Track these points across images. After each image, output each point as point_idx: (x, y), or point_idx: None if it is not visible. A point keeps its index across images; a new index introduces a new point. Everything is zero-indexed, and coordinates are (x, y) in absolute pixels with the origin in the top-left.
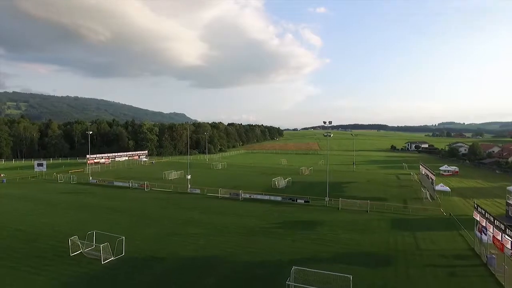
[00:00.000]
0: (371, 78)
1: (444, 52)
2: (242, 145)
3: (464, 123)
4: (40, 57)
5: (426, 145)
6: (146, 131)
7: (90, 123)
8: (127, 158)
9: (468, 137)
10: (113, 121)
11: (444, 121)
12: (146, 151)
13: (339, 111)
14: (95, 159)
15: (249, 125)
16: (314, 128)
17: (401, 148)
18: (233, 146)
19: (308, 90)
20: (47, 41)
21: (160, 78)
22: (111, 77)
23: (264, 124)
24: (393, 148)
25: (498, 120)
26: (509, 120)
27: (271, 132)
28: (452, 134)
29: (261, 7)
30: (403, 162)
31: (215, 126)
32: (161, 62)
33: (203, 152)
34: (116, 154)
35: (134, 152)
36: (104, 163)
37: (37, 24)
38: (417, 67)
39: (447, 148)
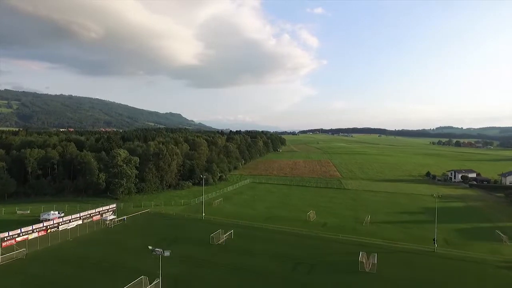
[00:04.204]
0: (369, 79)
1: (442, 55)
2: (245, 163)
3: (462, 128)
4: (32, 54)
5: (474, 174)
6: (121, 163)
7: (52, 147)
8: (80, 221)
9: (479, 146)
10: (87, 140)
11: (442, 125)
12: (114, 205)
13: (336, 112)
14: (19, 235)
15: (250, 135)
16: (313, 131)
17: (443, 177)
18: (235, 168)
19: (305, 91)
20: (38, 38)
21: (155, 77)
22: (106, 75)
23: (261, 125)
24: (430, 177)
25: (496, 125)
26: (509, 125)
27: (274, 143)
28: (461, 143)
29: (258, 6)
30: (497, 231)
31: (212, 142)
32: (156, 60)
33: (199, 184)
34: (61, 220)
35: (92, 211)
36: (52, 229)
37: (26, 19)
38: (414, 69)
39: (500, 179)
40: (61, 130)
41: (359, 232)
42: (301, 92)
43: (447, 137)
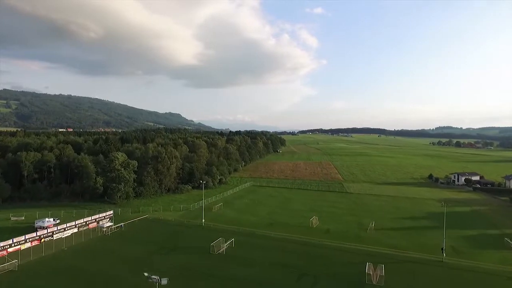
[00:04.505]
0: (368, 79)
1: (442, 55)
2: (245, 165)
3: (461, 128)
4: (31, 54)
5: (477, 177)
6: (119, 167)
7: (49, 150)
8: (76, 229)
9: (479, 147)
10: (85, 142)
11: (441, 125)
12: (111, 212)
13: (336, 112)
14: (11, 245)
15: (250, 136)
16: (312, 131)
17: (446, 180)
18: (235, 170)
19: (304, 91)
20: (37, 37)
21: (155, 77)
22: (105, 75)
23: (260, 125)
24: (433, 179)
25: (495, 125)
26: (508, 125)
27: (274, 144)
28: (461, 143)
29: (257, 6)
30: (506, 239)
31: (212, 144)
32: (156, 60)
33: (199, 187)
34: (55, 228)
35: (88, 218)
36: (46, 238)
37: (25, 19)
38: (414, 69)
39: (504, 182)
40: (60, 130)
41: (364, 239)
42: (301, 92)
43: (447, 137)
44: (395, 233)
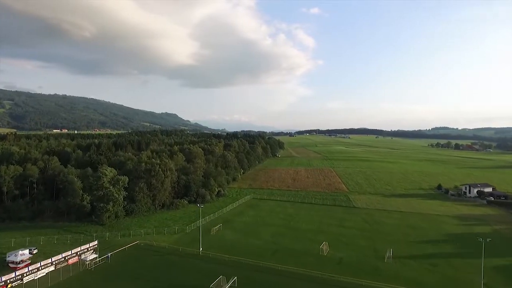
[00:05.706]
0: (366, 80)
1: (437, 56)
2: (243, 173)
3: (457, 128)
4: (24, 53)
5: (490, 189)
6: (107, 185)
7: (32, 162)
8: (53, 267)
9: (479, 149)
10: (73, 152)
11: (437, 125)
12: (96, 242)
13: (333, 113)
14: None
15: (248, 140)
16: (309, 132)
17: (456, 191)
18: (233, 179)
19: (301, 91)
20: (30, 36)
21: (151, 76)
22: (100, 75)
23: (257, 125)
24: (442, 190)
25: (491, 126)
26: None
27: (272, 147)
28: (460, 145)
29: (253, 6)
30: None
31: (209, 151)
32: (152, 60)
33: (195, 201)
34: (23, 271)
35: (68, 253)
36: (14, 283)
37: (17, 17)
38: (412, 69)
39: None
40: (54, 131)
41: (382, 272)
42: (297, 92)
43: (443, 137)
44: (417, 264)
